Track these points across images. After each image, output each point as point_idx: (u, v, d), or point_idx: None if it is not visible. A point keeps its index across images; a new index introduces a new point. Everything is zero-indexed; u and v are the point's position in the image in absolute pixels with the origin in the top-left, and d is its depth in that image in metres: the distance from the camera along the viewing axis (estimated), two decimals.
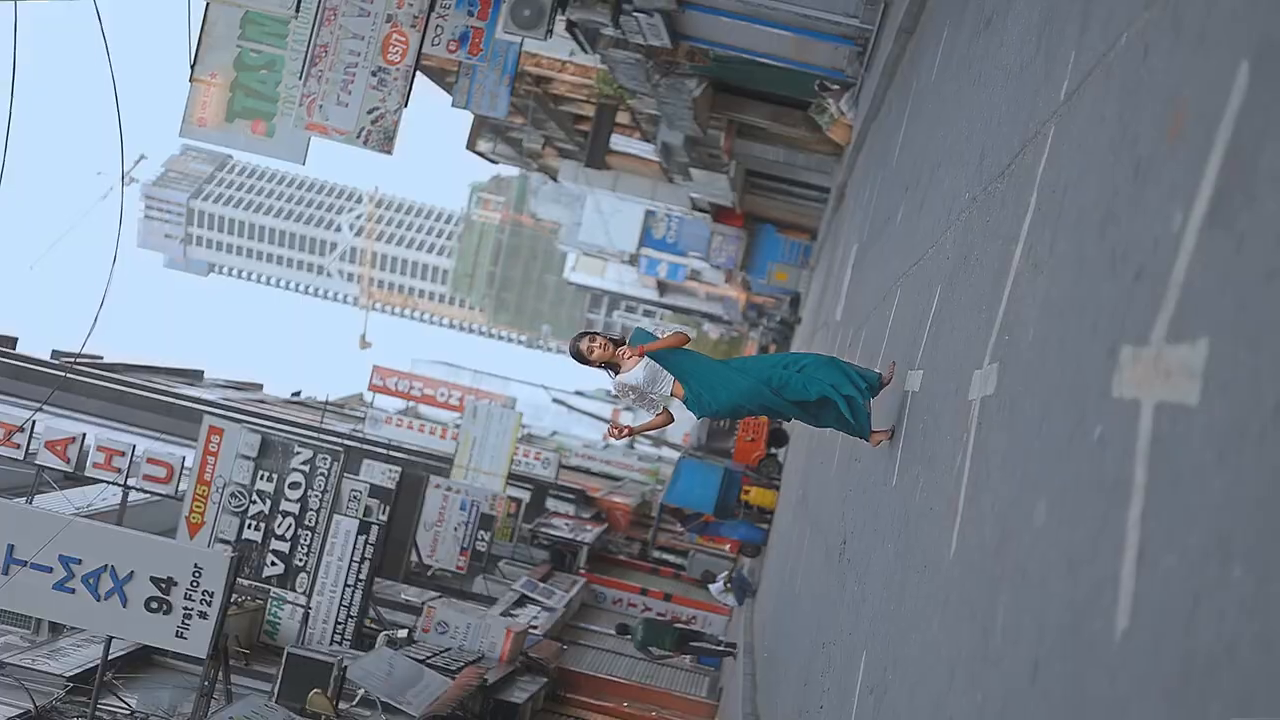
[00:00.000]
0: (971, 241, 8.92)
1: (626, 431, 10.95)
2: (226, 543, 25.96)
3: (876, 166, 23.07)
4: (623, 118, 50.24)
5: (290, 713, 19.29)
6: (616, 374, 10.70)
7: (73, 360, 42.26)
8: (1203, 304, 3.76)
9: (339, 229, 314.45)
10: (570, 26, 32.73)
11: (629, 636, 33.50)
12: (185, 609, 19.23)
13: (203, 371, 61.59)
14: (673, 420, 11.05)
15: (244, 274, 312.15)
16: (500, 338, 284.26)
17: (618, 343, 10.73)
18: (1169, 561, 3.54)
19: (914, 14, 19.81)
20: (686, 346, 10.79)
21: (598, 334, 10.80)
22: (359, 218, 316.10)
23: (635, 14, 30.02)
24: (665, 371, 10.58)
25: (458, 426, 54.54)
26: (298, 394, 67.95)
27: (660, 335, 10.74)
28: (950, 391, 8.38)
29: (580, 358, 10.80)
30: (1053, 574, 4.67)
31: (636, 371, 10.58)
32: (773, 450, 36.02)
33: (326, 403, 60.76)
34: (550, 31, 29.85)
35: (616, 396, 11.02)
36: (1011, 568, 5.40)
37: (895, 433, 10.29)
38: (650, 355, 10.54)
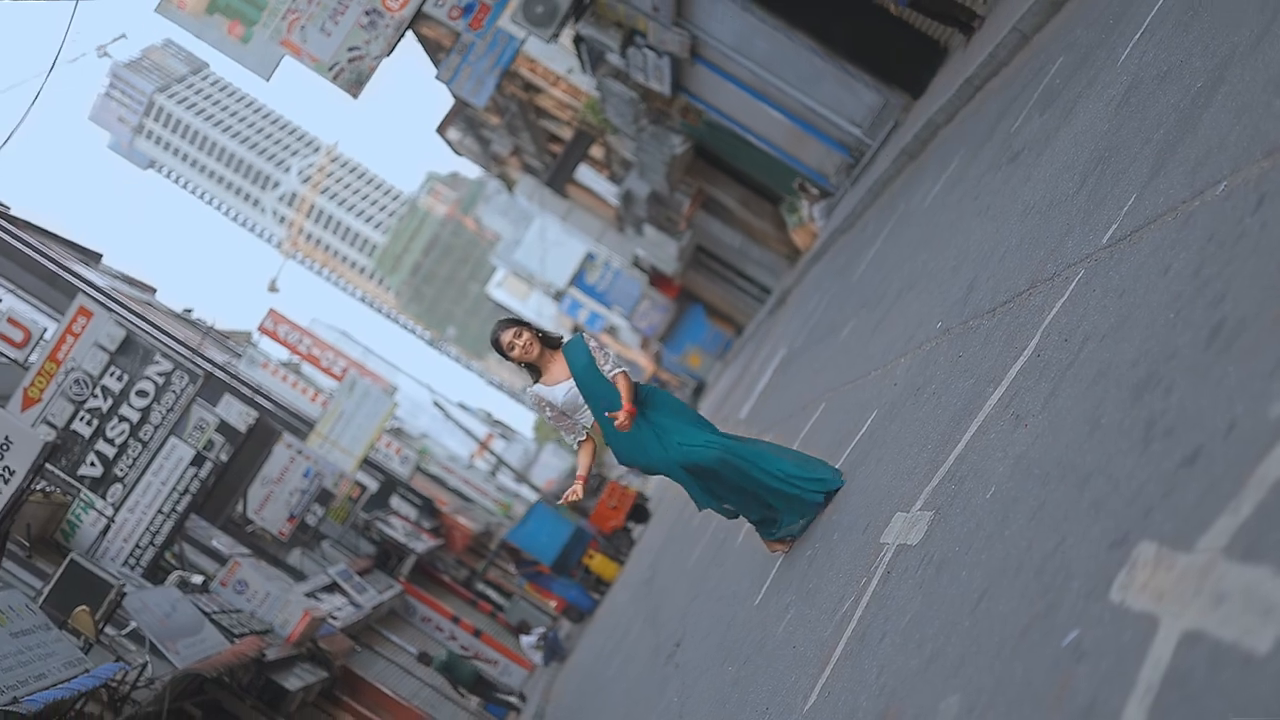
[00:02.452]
0: (932, 374, 7.91)
1: (579, 486, 9.08)
2: (53, 427, 24.47)
3: (833, 278, 22.15)
4: (597, 151, 49.24)
5: (50, 621, 17.85)
6: (537, 379, 9.09)
7: None
8: None
9: (288, 169, 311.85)
10: (578, 41, 31.72)
11: (430, 664, 32.41)
12: None
13: (102, 256, 59.75)
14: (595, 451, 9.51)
15: (182, 180, 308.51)
16: (405, 327, 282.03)
17: (548, 342, 9.10)
18: None
19: (922, 140, 18.96)
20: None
21: (527, 326, 9.05)
22: (310, 165, 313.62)
23: (646, 49, 29.03)
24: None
25: (331, 395, 53.08)
26: (189, 311, 66.04)
27: (609, 365, 9.09)
28: (858, 526, 7.35)
29: (499, 349, 9.07)
30: None
31: (558, 390, 9.00)
32: (630, 524, 34.94)
33: (212, 329, 59.08)
34: (556, 36, 28.84)
35: (533, 407, 9.31)
36: None
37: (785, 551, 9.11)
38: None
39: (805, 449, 11.38)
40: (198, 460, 26.03)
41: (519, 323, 9.13)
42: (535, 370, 9.10)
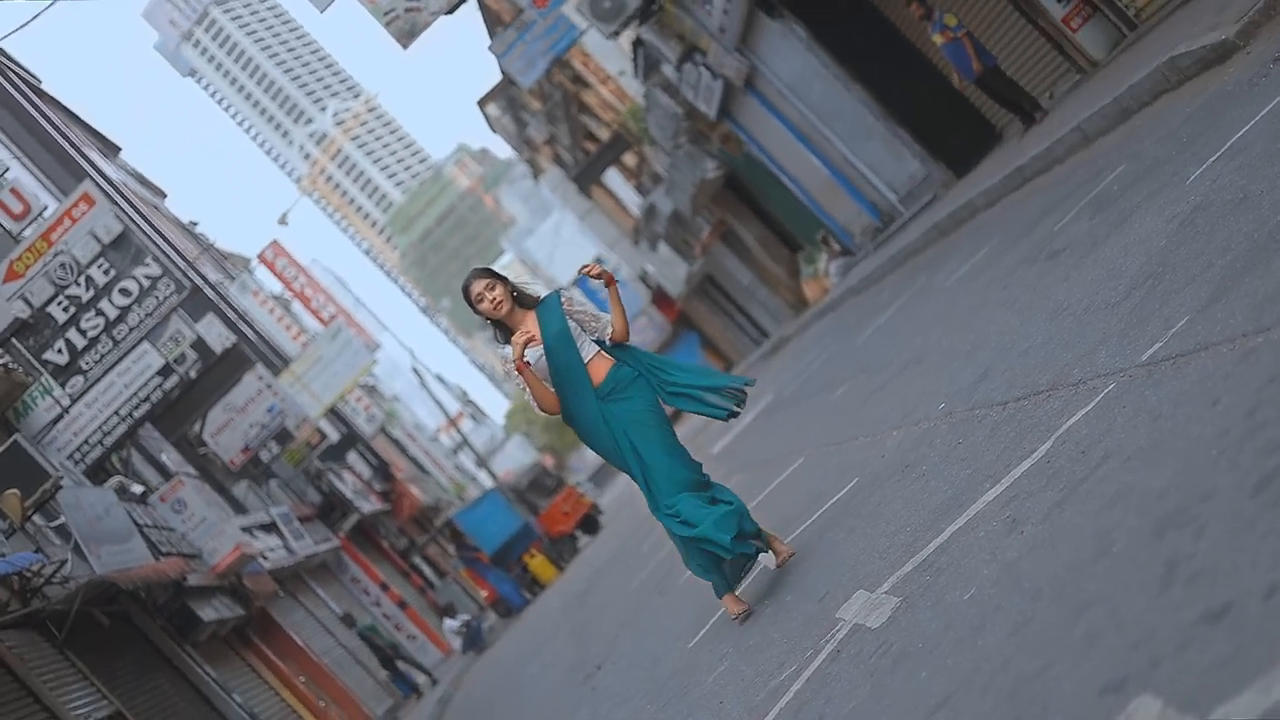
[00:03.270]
0: (925, 454, 7.55)
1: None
2: (29, 305, 24.05)
3: (836, 337, 21.81)
4: (629, 159, 48.95)
5: None
6: (507, 340, 8.06)
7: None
8: None
9: (324, 109, 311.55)
10: (637, 44, 31.42)
11: (354, 627, 32.02)
12: None
13: (120, 150, 59.22)
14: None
15: (218, 96, 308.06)
16: (401, 288, 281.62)
17: (521, 301, 8.08)
18: None
19: (957, 219, 18.62)
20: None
21: (502, 280, 8.05)
22: (347, 110, 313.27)
23: (702, 67, 28.72)
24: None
25: (313, 338, 52.62)
26: (194, 224, 65.57)
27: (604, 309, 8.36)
28: (815, 592, 6.98)
29: (468, 299, 8.10)
30: None
31: (528, 355, 8.00)
32: (578, 533, 34.56)
33: (212, 246, 58.62)
34: (618, 34, 28.56)
35: (504, 372, 8.22)
36: None
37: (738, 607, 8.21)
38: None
39: (777, 499, 11.00)
40: (165, 370, 25.60)
41: (494, 274, 8.11)
42: (505, 330, 8.11)
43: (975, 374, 8.30)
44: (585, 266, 8.09)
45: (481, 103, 65.02)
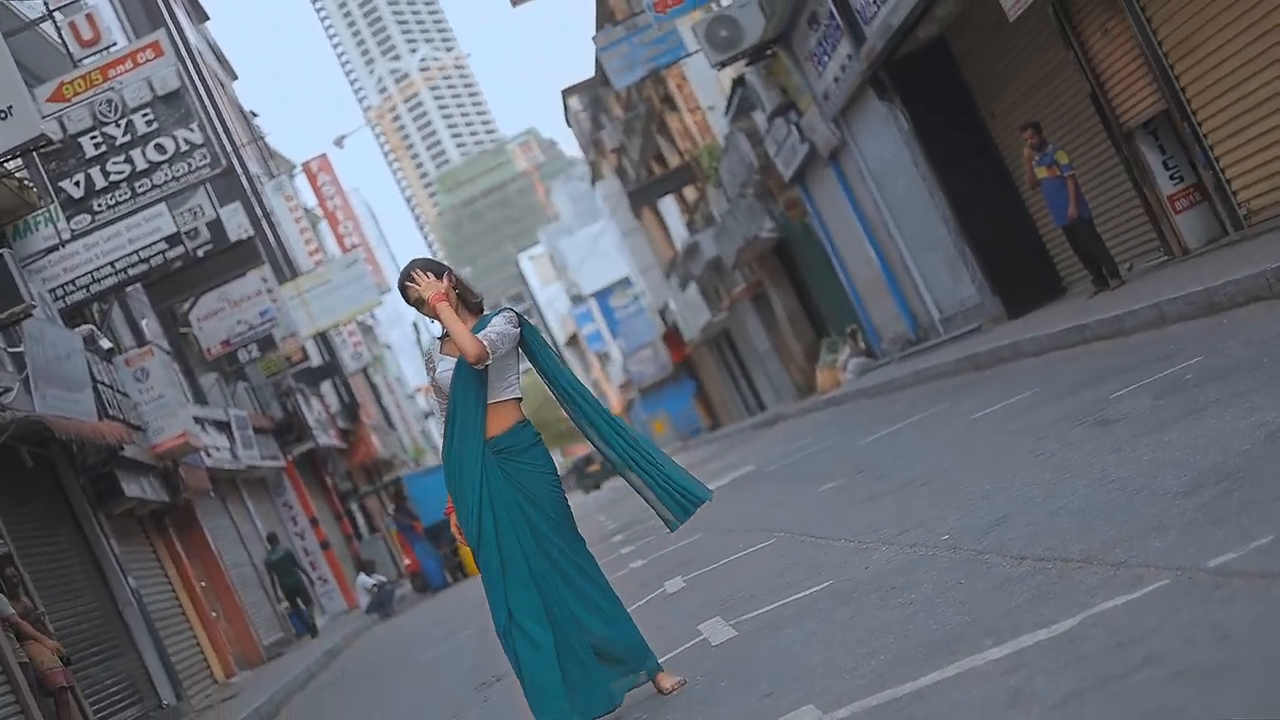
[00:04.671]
0: (917, 582, 6.92)
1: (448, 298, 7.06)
2: (63, 129, 23.43)
3: (837, 431, 21.22)
4: (690, 193, 48.36)
5: None
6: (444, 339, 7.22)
7: None
8: None
9: (414, 51, 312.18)
10: (737, 83, 30.84)
11: (270, 549, 31.57)
12: None
13: (209, 19, 58.66)
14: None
15: (319, 4, 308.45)
16: (428, 244, 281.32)
17: (464, 300, 7.17)
18: None
19: (998, 357, 18.04)
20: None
21: (447, 274, 7.11)
22: (435, 60, 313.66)
23: (794, 126, 28.15)
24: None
25: (328, 259, 52.12)
26: (254, 114, 65.13)
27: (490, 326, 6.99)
28: (758, 685, 6.32)
29: (403, 293, 7.19)
30: None
31: (445, 362, 7.10)
32: None
33: (263, 139, 58.14)
34: (723, 65, 28.02)
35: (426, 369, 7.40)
36: None
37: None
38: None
39: (736, 572, 10.34)
40: (174, 240, 24.98)
41: (437, 267, 7.17)
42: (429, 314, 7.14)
43: (991, 517, 7.67)
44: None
45: (566, 92, 64.61)
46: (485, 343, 6.86)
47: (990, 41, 20.61)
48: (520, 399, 7.17)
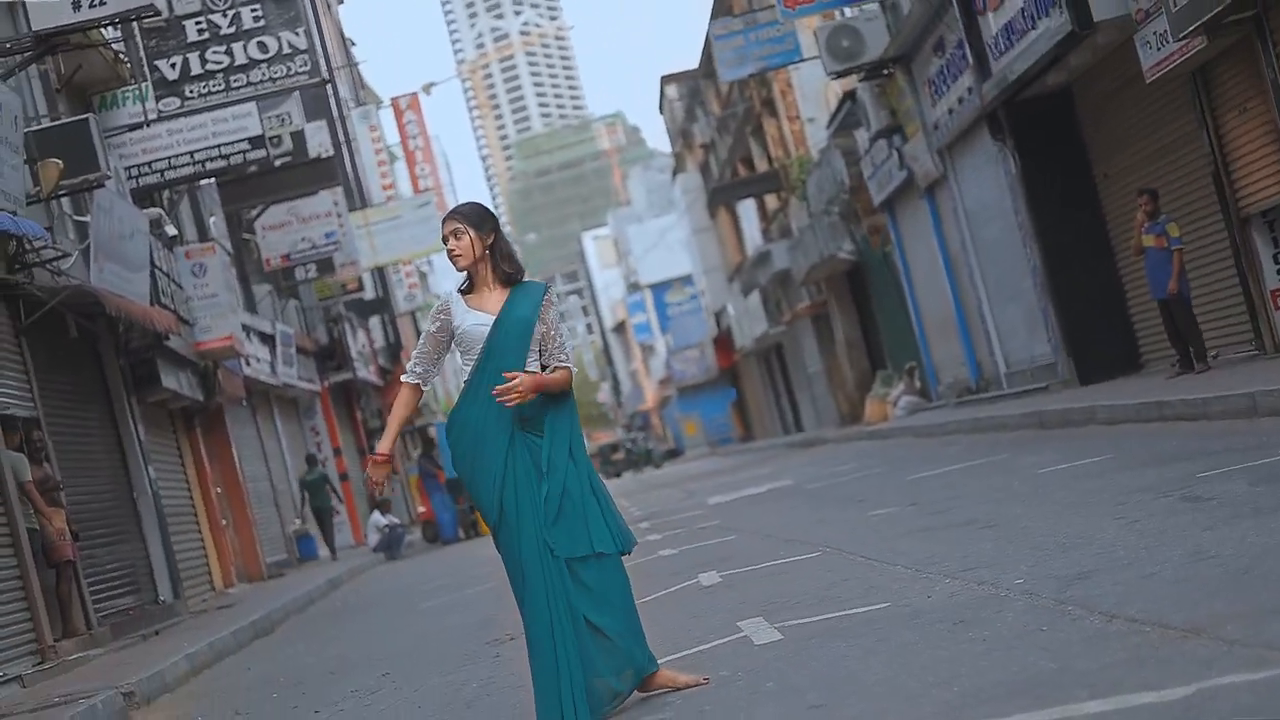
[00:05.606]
0: (989, 620, 6.48)
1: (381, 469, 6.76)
2: (170, 8, 23.17)
3: (883, 463, 20.81)
4: (771, 201, 47.88)
5: (22, 147, 16.37)
6: (468, 291, 6.74)
7: None
8: None
9: (519, 13, 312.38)
10: (846, 98, 30.38)
11: (308, 469, 32.05)
12: None
13: None
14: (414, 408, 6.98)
15: None
16: (495, 206, 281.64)
17: (501, 266, 6.68)
18: None
19: (1066, 419, 17.64)
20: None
21: (493, 229, 6.69)
22: (538, 26, 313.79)
23: (896, 151, 27.68)
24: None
25: (400, 198, 51.94)
26: (352, 42, 65.04)
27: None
28: (806, 698, 5.90)
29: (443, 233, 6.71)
30: None
31: (473, 317, 6.63)
32: None
33: (357, 66, 58.00)
34: (837, 77, 27.58)
35: (430, 317, 6.84)
36: None
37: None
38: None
39: (781, 577, 9.91)
40: (258, 142, 24.72)
41: (479, 218, 6.70)
42: (470, 282, 6.71)
43: (1071, 569, 7.25)
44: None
45: (666, 79, 64.23)
46: (571, 367, 6.70)
47: (1118, 100, 20.13)
48: (568, 368, 6.73)
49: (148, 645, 16.26)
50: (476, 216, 6.68)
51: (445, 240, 6.64)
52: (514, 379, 6.36)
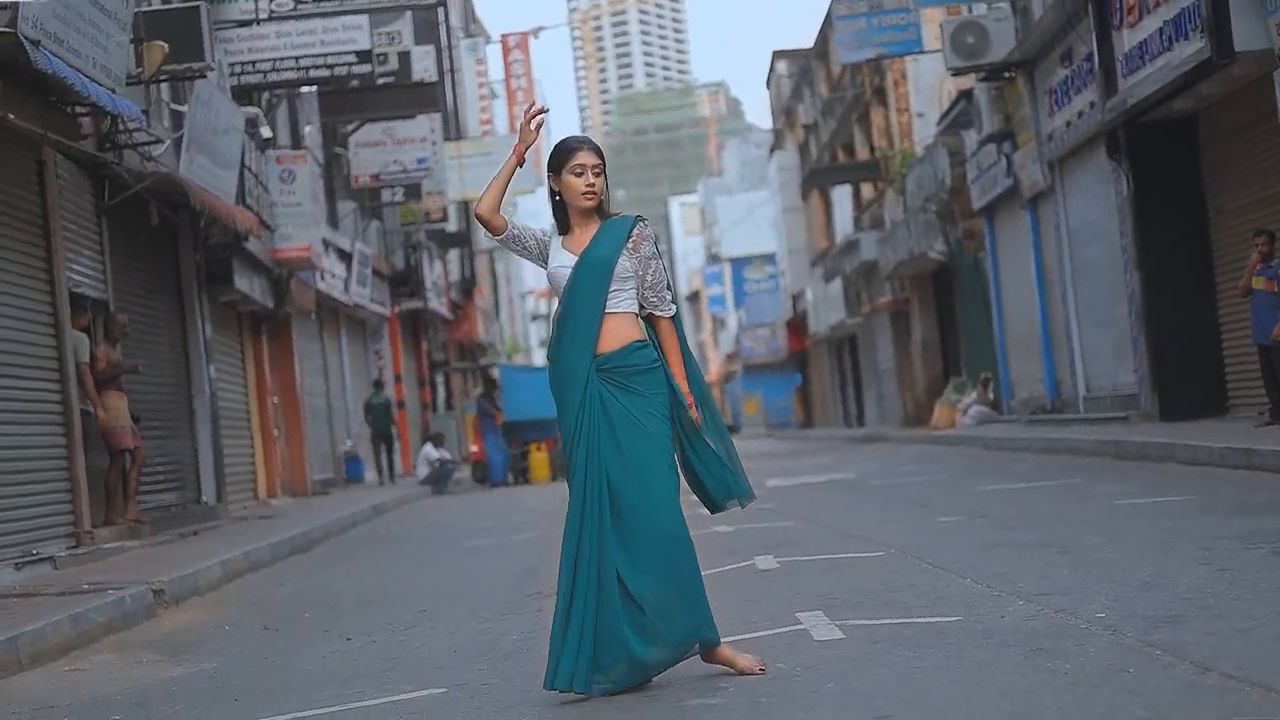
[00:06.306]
0: (1069, 652, 6.10)
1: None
2: None
3: (950, 470, 20.45)
4: (867, 190, 47.32)
5: (129, 25, 16.07)
6: (564, 231, 6.41)
7: None
8: None
9: None
10: (962, 97, 29.81)
11: (374, 392, 32.94)
12: None
13: None
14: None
15: None
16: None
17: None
18: None
19: (1145, 453, 17.19)
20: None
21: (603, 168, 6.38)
22: None
23: (1005, 158, 27.14)
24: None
25: (495, 135, 51.74)
26: None
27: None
28: (873, 706, 5.52)
29: (565, 158, 6.34)
30: None
31: (564, 256, 6.32)
32: None
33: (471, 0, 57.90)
34: (956, 74, 27.08)
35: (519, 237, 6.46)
36: None
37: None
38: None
39: (843, 573, 9.52)
40: (364, 56, 24.52)
41: (602, 157, 6.41)
42: (564, 218, 6.37)
43: (1157, 610, 6.84)
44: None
45: (778, 54, 63.65)
46: (666, 313, 6.36)
47: (1245, 135, 19.53)
48: (671, 316, 6.38)
49: (184, 544, 16.07)
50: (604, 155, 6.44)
51: (579, 173, 6.30)
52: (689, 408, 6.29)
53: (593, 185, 6.31)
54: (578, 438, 6.22)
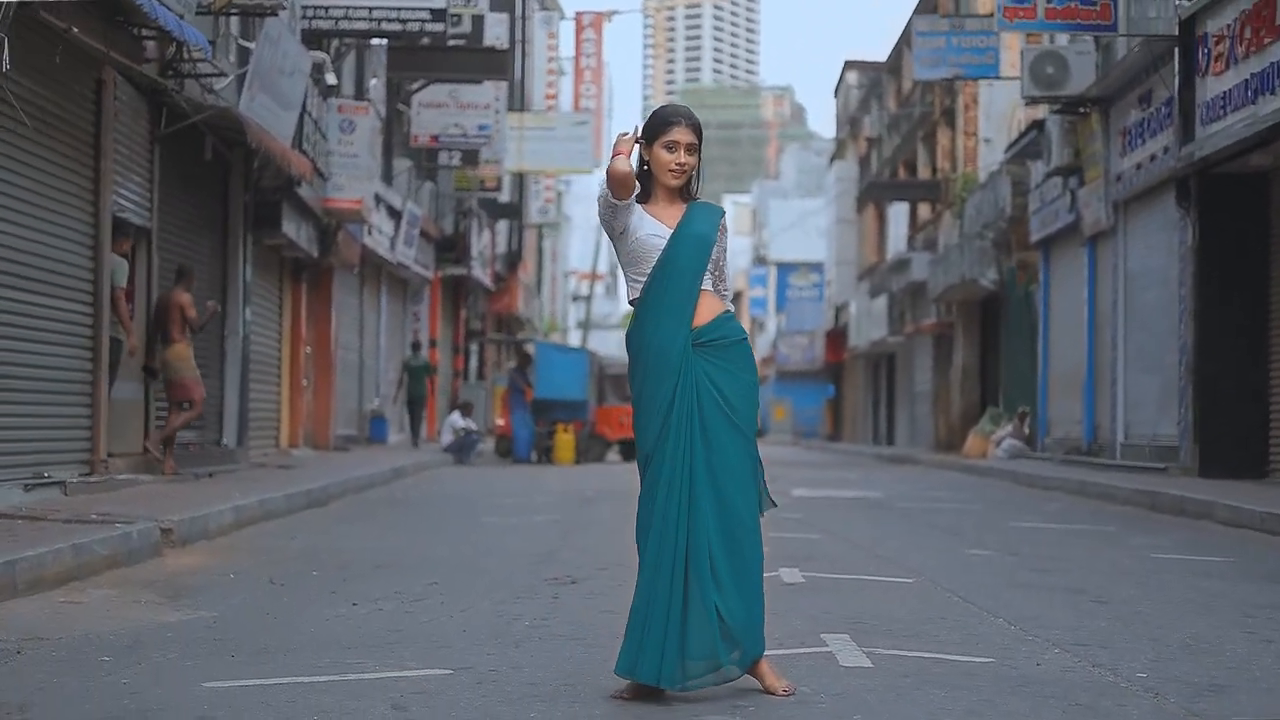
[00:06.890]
0: (1110, 713, 5.77)
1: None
2: None
3: (981, 501, 20.09)
4: (924, 209, 46.88)
5: None
6: (645, 200, 6.08)
7: None
8: None
9: None
10: (1033, 127, 29.39)
11: (412, 354, 33.52)
12: None
13: None
14: None
15: None
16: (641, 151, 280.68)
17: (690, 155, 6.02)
18: None
19: (1181, 508, 16.88)
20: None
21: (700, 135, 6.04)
22: None
23: (1069, 193, 26.77)
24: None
25: (559, 111, 51.50)
26: None
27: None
28: None
29: (663, 128, 6.03)
30: None
31: (653, 226, 5.98)
32: (616, 446, 33.11)
33: None
34: (1031, 103, 26.70)
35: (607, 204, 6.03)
36: None
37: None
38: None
39: (873, 595, 9.20)
40: (438, 15, 24.29)
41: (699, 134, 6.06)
42: (645, 193, 6.06)
43: (1201, 677, 6.55)
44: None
45: (849, 64, 63.24)
46: (731, 308, 6.17)
47: None
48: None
49: (199, 485, 15.83)
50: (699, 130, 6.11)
51: (671, 149, 5.99)
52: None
53: (683, 164, 6.00)
54: (670, 416, 5.91)
